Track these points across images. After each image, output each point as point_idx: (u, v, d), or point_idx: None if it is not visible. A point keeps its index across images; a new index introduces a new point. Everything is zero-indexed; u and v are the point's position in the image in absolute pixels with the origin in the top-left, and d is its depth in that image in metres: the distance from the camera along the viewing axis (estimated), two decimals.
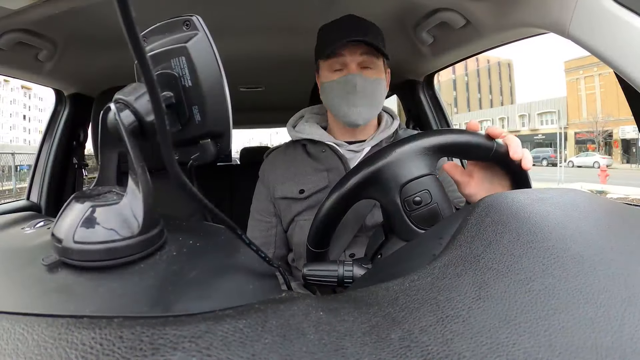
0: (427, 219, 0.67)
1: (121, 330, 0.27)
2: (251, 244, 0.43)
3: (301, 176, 1.18)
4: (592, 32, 0.82)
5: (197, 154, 0.45)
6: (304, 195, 1.15)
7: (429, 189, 0.67)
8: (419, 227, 0.67)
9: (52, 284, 0.35)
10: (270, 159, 1.29)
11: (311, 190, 1.14)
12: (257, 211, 1.25)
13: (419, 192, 0.67)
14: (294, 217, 1.17)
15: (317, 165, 1.18)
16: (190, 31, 0.43)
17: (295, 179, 1.18)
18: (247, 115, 3.33)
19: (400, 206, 0.68)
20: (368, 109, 1.13)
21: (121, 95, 0.40)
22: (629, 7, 0.75)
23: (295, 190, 1.16)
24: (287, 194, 1.17)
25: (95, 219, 0.37)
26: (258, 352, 0.26)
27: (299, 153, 1.24)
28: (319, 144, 1.20)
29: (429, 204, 0.67)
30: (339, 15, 1.15)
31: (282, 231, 1.22)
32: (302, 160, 1.21)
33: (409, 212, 0.68)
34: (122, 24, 0.26)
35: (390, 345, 0.28)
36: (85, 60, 1.62)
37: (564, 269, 0.34)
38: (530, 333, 0.28)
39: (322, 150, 1.19)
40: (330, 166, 1.16)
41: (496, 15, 1.20)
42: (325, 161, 1.17)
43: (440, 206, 0.67)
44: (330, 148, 1.18)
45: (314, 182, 1.15)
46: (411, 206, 0.67)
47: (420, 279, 0.36)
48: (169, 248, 0.41)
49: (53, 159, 1.96)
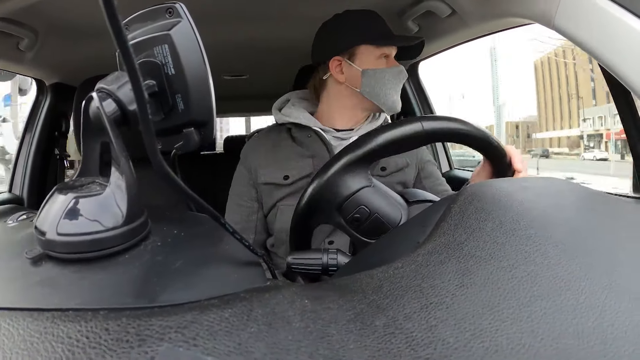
0: (373, 230, 0.69)
1: (107, 322, 0.27)
2: (235, 233, 0.43)
3: (285, 161, 1.17)
4: (577, 23, 0.82)
5: (181, 142, 0.45)
6: (289, 182, 1.14)
7: (364, 204, 0.69)
8: (370, 239, 0.69)
9: (36, 277, 0.34)
10: (252, 142, 1.27)
11: (295, 176, 1.14)
12: (238, 195, 1.23)
13: (356, 209, 0.69)
14: (276, 202, 1.16)
15: (302, 150, 1.18)
16: (173, 19, 0.43)
17: (279, 164, 1.17)
18: (231, 104, 3.29)
19: (345, 226, 0.70)
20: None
21: (103, 85, 0.40)
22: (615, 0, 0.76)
23: (280, 176, 1.15)
24: (271, 179, 1.16)
25: (78, 211, 0.36)
26: (244, 341, 0.26)
27: (283, 137, 1.23)
28: (305, 129, 1.20)
29: (368, 217, 0.69)
30: (325, 3, 1.15)
31: (263, 216, 1.22)
32: (287, 145, 1.20)
33: (355, 229, 0.70)
34: (104, 12, 0.26)
35: (375, 332, 0.28)
36: (67, 49, 1.59)
37: (546, 256, 0.34)
38: (513, 319, 0.29)
39: (308, 135, 1.19)
40: (315, 152, 1.16)
41: (481, 5, 1.20)
42: (310, 147, 1.17)
43: (382, 215, 0.69)
44: (316, 133, 1.18)
45: (298, 168, 1.15)
46: (354, 223, 0.69)
47: (404, 267, 0.36)
48: (153, 238, 0.40)
49: (35, 150, 1.92)
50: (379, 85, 1.15)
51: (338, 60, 1.18)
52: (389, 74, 1.15)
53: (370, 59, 1.15)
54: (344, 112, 1.22)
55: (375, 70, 1.14)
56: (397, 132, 0.68)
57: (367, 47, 1.15)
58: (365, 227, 0.69)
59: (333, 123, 1.22)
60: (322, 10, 1.23)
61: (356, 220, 0.69)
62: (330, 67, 1.19)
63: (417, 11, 1.42)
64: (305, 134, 1.19)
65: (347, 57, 1.17)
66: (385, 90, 1.15)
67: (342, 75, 1.18)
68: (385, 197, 0.70)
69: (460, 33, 1.46)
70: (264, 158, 1.20)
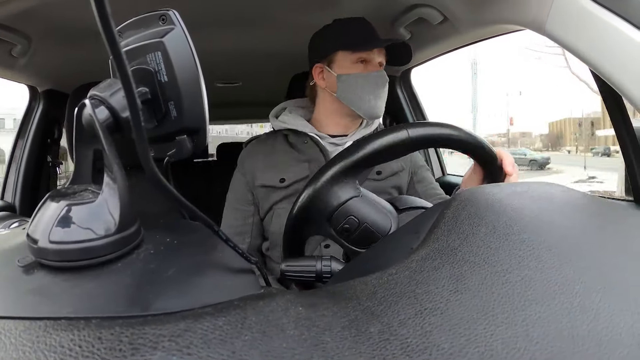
0: (364, 240, 0.68)
1: (100, 331, 0.27)
2: (228, 241, 0.43)
3: (282, 165, 1.19)
4: (568, 29, 0.83)
5: (173, 150, 0.45)
6: (285, 184, 1.16)
7: (353, 214, 0.69)
8: (361, 249, 0.69)
9: (28, 285, 0.34)
10: (249, 148, 1.29)
11: (292, 179, 1.16)
12: (235, 200, 1.25)
13: (345, 220, 0.69)
14: (272, 205, 1.18)
15: (298, 155, 1.20)
16: (166, 26, 0.43)
17: (276, 168, 1.19)
18: (224, 111, 3.29)
19: (336, 237, 0.70)
20: (384, 104, 1.20)
21: (96, 91, 0.39)
22: (605, 5, 0.76)
23: (276, 178, 1.18)
24: (267, 182, 1.18)
25: (71, 218, 0.36)
26: (238, 349, 0.26)
27: (279, 143, 1.25)
28: (301, 135, 1.22)
29: (358, 227, 0.68)
30: (317, 10, 1.17)
31: (259, 220, 1.23)
32: (284, 151, 1.23)
33: (346, 239, 0.70)
34: (97, 19, 0.26)
35: (369, 339, 0.28)
36: (60, 55, 1.59)
37: (539, 260, 0.35)
38: (508, 324, 0.29)
39: (304, 141, 1.21)
40: (312, 157, 1.18)
41: (473, 12, 1.21)
42: (307, 152, 1.20)
43: (371, 225, 0.69)
44: (312, 139, 1.20)
45: (295, 171, 1.17)
46: (344, 234, 0.69)
47: (398, 273, 0.36)
48: (146, 246, 0.40)
49: (27, 157, 1.91)
50: (352, 90, 1.16)
51: (319, 67, 1.22)
52: (364, 79, 1.16)
53: (347, 64, 1.17)
54: (331, 118, 1.25)
55: (349, 75, 1.16)
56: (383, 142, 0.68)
57: (344, 53, 1.17)
58: (355, 237, 0.69)
59: (326, 129, 1.25)
60: (315, 18, 1.25)
61: (346, 230, 0.69)
62: (314, 74, 1.23)
63: (409, 18, 1.43)
64: (302, 140, 1.21)
65: (326, 63, 1.20)
66: (360, 95, 1.16)
67: (323, 82, 1.22)
68: (374, 207, 0.70)
69: (452, 40, 1.47)
70: (261, 162, 1.22)
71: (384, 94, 1.19)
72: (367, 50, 1.16)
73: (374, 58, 1.17)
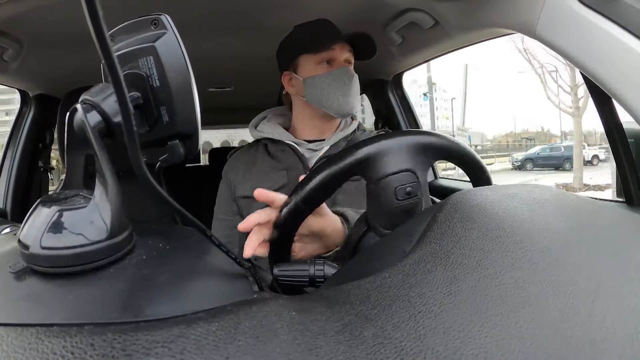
0: (409, 211, 0.67)
1: (92, 337, 0.26)
2: (221, 246, 0.43)
3: (261, 175, 1.21)
4: (559, 32, 0.84)
5: (165, 155, 0.45)
6: None
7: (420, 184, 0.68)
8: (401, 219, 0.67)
9: (20, 292, 0.34)
10: (232, 159, 1.31)
11: (271, 188, 1.15)
12: (221, 211, 1.27)
13: (411, 184, 0.67)
14: None
15: (276, 164, 1.21)
16: (158, 30, 0.43)
17: (256, 178, 1.20)
18: (216, 116, 3.29)
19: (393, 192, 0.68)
20: (356, 101, 1.19)
21: (88, 96, 0.39)
22: (595, 9, 0.77)
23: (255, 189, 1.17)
24: (248, 192, 1.18)
25: (62, 224, 0.36)
26: (232, 355, 0.26)
27: (260, 153, 1.26)
28: (278, 143, 1.23)
29: (416, 196, 0.67)
30: (308, 15, 1.18)
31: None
32: (263, 160, 1.24)
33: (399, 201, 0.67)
34: (89, 23, 0.26)
35: (363, 343, 0.28)
36: (52, 60, 1.58)
37: (532, 262, 0.35)
38: (501, 326, 0.29)
39: (282, 150, 1.22)
40: (289, 165, 1.20)
41: (464, 16, 1.22)
42: (285, 160, 1.21)
43: (423, 202, 0.68)
44: (290, 147, 1.22)
45: (272, 180, 1.18)
46: (403, 195, 0.67)
47: (391, 276, 0.36)
48: (138, 252, 0.40)
49: (19, 162, 1.90)
50: (319, 91, 1.17)
51: (287, 74, 1.23)
52: (329, 78, 1.16)
53: (311, 67, 1.18)
54: (306, 123, 1.26)
55: (314, 76, 1.17)
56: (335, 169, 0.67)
57: (305, 56, 1.18)
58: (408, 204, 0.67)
59: (303, 135, 1.26)
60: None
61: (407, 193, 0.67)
62: (284, 82, 1.25)
63: (400, 22, 1.44)
64: (280, 148, 1.23)
65: (292, 69, 1.22)
66: (327, 95, 1.16)
67: (292, 88, 1.24)
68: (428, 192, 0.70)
69: (444, 43, 1.48)
70: (242, 174, 1.24)
71: (352, 90, 1.18)
72: (325, 48, 1.16)
73: (338, 56, 1.17)
